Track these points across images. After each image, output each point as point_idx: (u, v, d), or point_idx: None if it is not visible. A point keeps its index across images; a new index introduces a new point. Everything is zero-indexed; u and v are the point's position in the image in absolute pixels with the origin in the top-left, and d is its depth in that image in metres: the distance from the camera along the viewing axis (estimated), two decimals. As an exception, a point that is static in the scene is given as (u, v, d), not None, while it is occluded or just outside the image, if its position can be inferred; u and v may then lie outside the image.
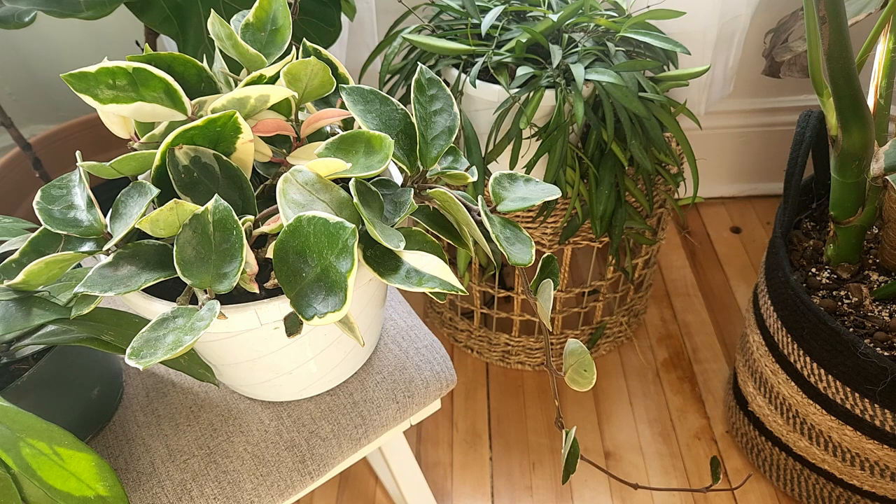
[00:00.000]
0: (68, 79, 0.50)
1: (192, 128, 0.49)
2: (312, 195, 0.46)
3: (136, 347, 0.43)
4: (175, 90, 0.51)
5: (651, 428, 1.02)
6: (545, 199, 0.51)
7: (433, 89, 0.52)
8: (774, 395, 0.86)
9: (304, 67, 0.51)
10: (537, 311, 0.47)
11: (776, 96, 1.26)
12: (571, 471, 0.65)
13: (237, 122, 0.48)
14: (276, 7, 0.55)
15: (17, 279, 0.48)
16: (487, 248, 0.49)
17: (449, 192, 0.49)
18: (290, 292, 0.44)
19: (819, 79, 0.73)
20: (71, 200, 0.54)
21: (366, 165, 0.47)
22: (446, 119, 0.51)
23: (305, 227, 0.45)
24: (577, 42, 0.83)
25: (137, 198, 0.51)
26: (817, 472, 0.86)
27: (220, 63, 0.56)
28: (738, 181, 1.37)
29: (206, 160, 0.49)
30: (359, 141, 0.48)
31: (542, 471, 0.97)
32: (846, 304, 0.81)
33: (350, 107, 0.50)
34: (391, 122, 0.51)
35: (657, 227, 0.99)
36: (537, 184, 0.52)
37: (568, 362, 0.48)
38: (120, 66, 0.51)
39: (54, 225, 0.51)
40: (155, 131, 0.52)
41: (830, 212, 0.81)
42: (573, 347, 0.49)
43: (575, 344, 0.49)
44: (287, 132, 0.51)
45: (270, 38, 0.55)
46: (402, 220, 0.49)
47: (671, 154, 0.86)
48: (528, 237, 0.49)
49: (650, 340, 1.15)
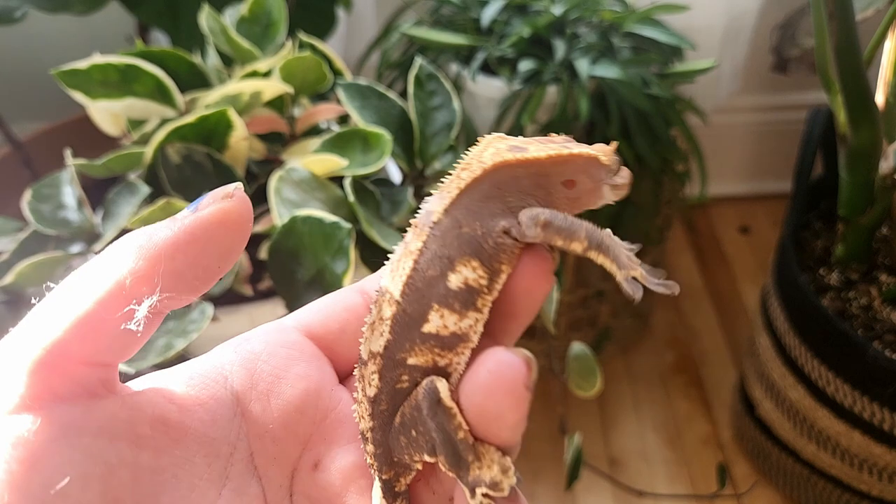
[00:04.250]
0: (59, 75, 0.49)
1: (185, 125, 0.47)
2: (307, 194, 0.45)
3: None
4: (167, 86, 0.50)
5: (657, 434, 1.00)
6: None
7: (432, 84, 0.50)
8: (782, 400, 0.85)
9: (300, 62, 0.50)
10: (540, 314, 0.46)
11: (785, 93, 1.24)
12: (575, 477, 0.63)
13: (230, 118, 0.47)
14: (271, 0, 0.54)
15: (7, 280, 0.47)
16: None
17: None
18: (285, 294, 0.43)
19: (828, 76, 0.72)
20: (61, 200, 0.53)
21: (362, 163, 0.46)
22: (446, 115, 0.50)
23: (300, 227, 0.44)
24: (580, 36, 0.82)
25: (128, 197, 0.50)
26: (825, 478, 0.85)
27: (214, 58, 0.55)
28: (746, 179, 1.35)
29: (199, 158, 0.48)
30: (355, 138, 0.47)
31: (544, 478, 0.96)
32: (855, 305, 0.81)
33: (346, 102, 0.49)
34: (389, 119, 0.49)
35: (663, 227, 0.98)
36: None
37: (572, 367, 0.47)
38: (111, 61, 0.50)
39: (45, 225, 0.51)
40: (147, 128, 0.51)
41: (839, 211, 0.80)
42: (578, 351, 0.47)
43: (579, 348, 0.48)
44: (281, 129, 0.50)
45: (265, 32, 0.54)
46: (401, 220, 0.48)
47: (677, 152, 0.85)
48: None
49: (656, 344, 1.14)
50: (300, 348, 0.24)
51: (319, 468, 0.23)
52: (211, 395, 0.22)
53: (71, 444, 0.19)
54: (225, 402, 0.22)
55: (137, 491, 0.20)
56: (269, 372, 0.23)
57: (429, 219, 0.21)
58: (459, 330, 0.21)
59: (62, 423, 0.19)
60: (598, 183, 0.22)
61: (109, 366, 0.20)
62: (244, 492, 0.22)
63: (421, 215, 0.22)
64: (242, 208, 0.21)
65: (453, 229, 0.21)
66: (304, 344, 0.24)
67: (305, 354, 0.24)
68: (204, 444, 0.21)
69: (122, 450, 0.20)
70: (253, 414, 0.22)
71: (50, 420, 0.19)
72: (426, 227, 0.21)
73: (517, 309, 0.22)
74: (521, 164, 0.21)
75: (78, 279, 0.20)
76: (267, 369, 0.23)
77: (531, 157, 0.21)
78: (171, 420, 0.21)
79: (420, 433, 0.21)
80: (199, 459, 0.21)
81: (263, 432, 0.23)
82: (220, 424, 0.22)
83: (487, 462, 0.20)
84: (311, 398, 0.23)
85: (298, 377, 0.23)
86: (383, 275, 0.22)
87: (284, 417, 0.23)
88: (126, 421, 0.20)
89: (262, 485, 0.22)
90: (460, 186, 0.21)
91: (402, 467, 0.22)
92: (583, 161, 0.22)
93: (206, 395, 0.22)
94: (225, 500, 0.21)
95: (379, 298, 0.22)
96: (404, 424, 0.21)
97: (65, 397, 0.19)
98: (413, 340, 0.21)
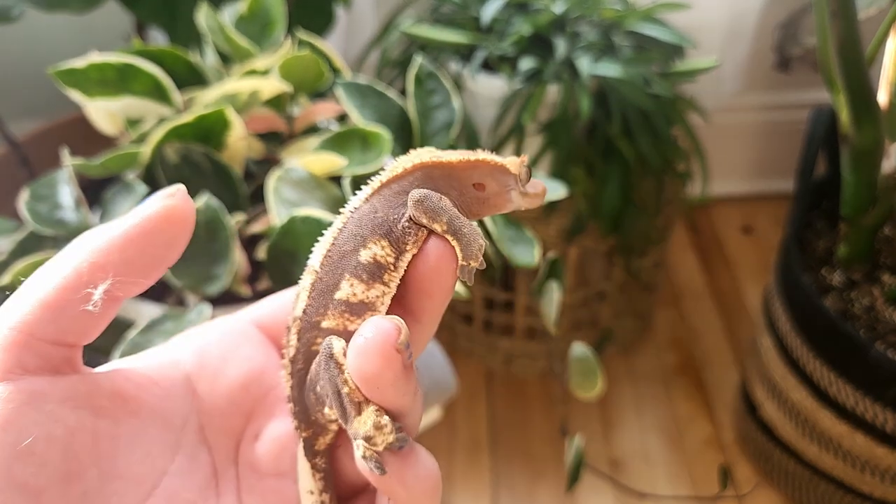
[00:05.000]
0: (56, 74, 0.49)
1: (182, 124, 0.47)
2: (306, 193, 0.45)
3: (125, 351, 0.42)
4: (164, 85, 0.49)
5: (658, 435, 1.00)
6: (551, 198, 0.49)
7: (432, 83, 0.50)
8: (784, 401, 0.85)
9: (298, 61, 0.49)
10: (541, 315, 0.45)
11: (787, 91, 1.24)
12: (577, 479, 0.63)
13: (228, 117, 0.47)
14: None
15: (5, 280, 0.47)
16: (489, 249, 0.47)
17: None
18: (282, 294, 0.43)
19: (830, 74, 0.71)
20: (58, 199, 0.52)
21: (361, 162, 0.45)
22: (446, 114, 0.49)
23: (299, 227, 0.43)
24: (581, 35, 0.82)
25: (126, 196, 0.49)
26: (827, 480, 0.85)
27: (212, 56, 0.54)
28: (748, 179, 1.35)
29: (197, 157, 0.48)
30: (354, 137, 0.46)
31: (545, 480, 0.95)
32: (857, 306, 0.80)
33: (345, 101, 0.48)
34: (388, 117, 0.49)
35: (665, 227, 0.98)
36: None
37: (573, 368, 0.47)
38: (108, 60, 0.49)
39: (42, 224, 0.50)
40: (144, 127, 0.51)
41: (842, 211, 0.80)
42: (579, 353, 0.47)
43: (581, 349, 0.47)
44: (280, 128, 0.49)
45: (263, 31, 0.53)
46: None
47: (679, 151, 0.84)
48: (531, 237, 0.47)
49: (658, 345, 1.13)
50: (248, 336, 0.27)
51: (259, 438, 0.26)
52: (164, 376, 0.25)
53: (37, 409, 0.21)
54: (177, 382, 0.25)
55: (96, 453, 0.22)
56: (217, 355, 0.26)
57: (352, 205, 0.25)
58: (367, 299, 0.24)
59: (29, 391, 0.21)
60: (506, 189, 0.25)
61: (73, 346, 0.23)
62: (195, 458, 0.25)
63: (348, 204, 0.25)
64: (184, 205, 0.24)
65: (370, 214, 0.24)
66: (252, 332, 0.27)
67: (252, 341, 0.27)
68: (158, 417, 0.24)
69: (83, 416, 0.22)
70: (202, 391, 0.26)
71: (18, 389, 0.21)
72: (348, 212, 0.25)
73: (429, 287, 0.24)
74: (436, 165, 0.24)
75: (43, 270, 0.23)
76: (216, 353, 0.26)
77: (444, 160, 0.24)
78: (127, 395, 0.24)
79: (322, 388, 0.24)
80: (153, 430, 0.24)
81: (211, 407, 0.26)
82: (173, 400, 0.25)
83: (364, 418, 0.23)
84: (255, 377, 0.27)
85: (244, 359, 0.27)
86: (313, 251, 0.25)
87: (230, 394, 0.26)
88: (86, 393, 0.23)
89: (211, 454, 0.26)
90: (382, 181, 0.24)
91: (318, 427, 0.25)
92: (489, 167, 0.25)
93: (160, 376, 0.25)
94: (177, 465, 0.24)
95: (305, 273, 0.25)
96: (311, 381, 0.24)
97: (32, 371, 0.22)
98: (327, 305, 0.24)
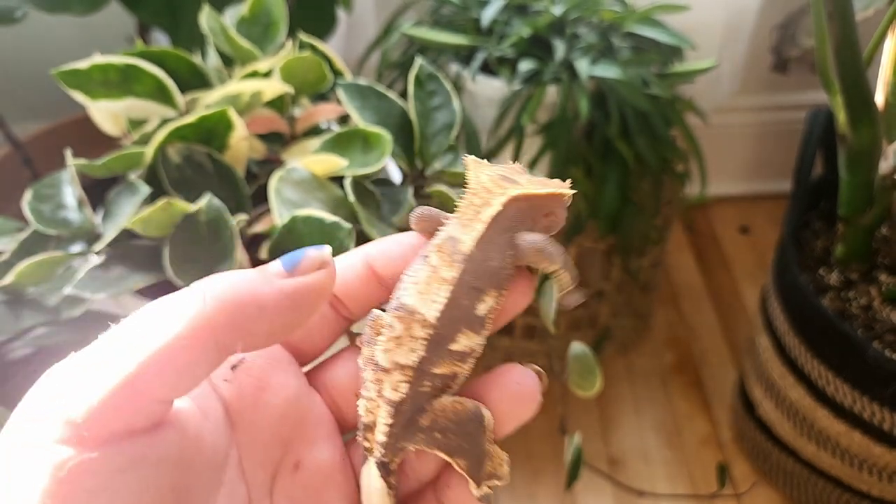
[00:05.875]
0: (59, 75, 0.49)
1: (185, 125, 0.47)
2: (307, 193, 0.45)
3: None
4: (167, 86, 0.50)
5: (657, 434, 1.00)
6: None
7: (432, 84, 0.50)
8: (782, 400, 0.85)
9: (300, 62, 0.50)
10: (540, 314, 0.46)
11: (785, 93, 1.24)
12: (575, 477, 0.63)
13: (230, 118, 0.47)
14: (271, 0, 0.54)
15: (8, 280, 0.47)
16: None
17: (449, 190, 0.48)
18: (284, 294, 0.43)
19: (827, 75, 0.72)
20: (61, 200, 0.53)
21: (362, 163, 0.46)
22: (446, 115, 0.50)
23: (300, 227, 0.44)
24: (580, 36, 0.82)
25: (129, 197, 0.50)
26: (825, 478, 0.85)
27: (214, 58, 0.54)
28: (746, 179, 1.35)
29: (199, 158, 0.48)
30: (355, 138, 0.47)
31: (544, 478, 0.95)
32: (855, 305, 0.81)
33: (346, 102, 0.49)
34: (389, 119, 0.49)
35: (663, 227, 0.98)
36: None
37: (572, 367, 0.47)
38: (111, 62, 0.50)
39: (45, 225, 0.50)
40: (147, 128, 0.51)
41: (839, 211, 0.80)
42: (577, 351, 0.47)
43: (579, 348, 0.48)
44: (282, 129, 0.50)
45: (265, 33, 0.54)
46: (401, 220, 0.48)
47: (677, 151, 0.85)
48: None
49: (656, 344, 1.14)
50: (274, 356, 0.25)
51: (301, 468, 0.25)
52: (209, 407, 0.23)
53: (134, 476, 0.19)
54: (218, 412, 0.23)
55: None
56: (252, 384, 0.24)
57: (458, 249, 0.24)
58: (475, 345, 0.25)
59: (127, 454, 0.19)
60: (562, 215, 0.26)
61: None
62: (234, 495, 0.23)
63: (445, 241, 0.25)
64: (332, 279, 0.22)
65: (483, 263, 0.24)
66: (276, 350, 0.26)
67: (281, 362, 0.26)
68: (208, 455, 0.22)
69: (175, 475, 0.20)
70: (242, 423, 0.24)
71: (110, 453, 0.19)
72: (458, 258, 0.24)
73: (500, 320, 0.25)
74: (527, 198, 0.25)
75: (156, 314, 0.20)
76: (250, 381, 0.24)
77: (534, 192, 0.25)
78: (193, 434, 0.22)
79: (450, 439, 0.25)
80: (208, 472, 0.22)
81: (252, 440, 0.24)
82: (218, 435, 0.23)
83: (498, 461, 0.25)
84: (291, 405, 0.25)
85: (280, 386, 0.25)
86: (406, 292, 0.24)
87: (270, 425, 0.25)
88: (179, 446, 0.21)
89: (248, 489, 0.24)
90: (484, 220, 0.25)
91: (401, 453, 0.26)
92: (561, 197, 0.26)
93: (206, 407, 0.23)
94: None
95: (406, 317, 0.24)
96: (432, 428, 0.25)
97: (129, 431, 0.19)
98: (441, 356, 0.24)
